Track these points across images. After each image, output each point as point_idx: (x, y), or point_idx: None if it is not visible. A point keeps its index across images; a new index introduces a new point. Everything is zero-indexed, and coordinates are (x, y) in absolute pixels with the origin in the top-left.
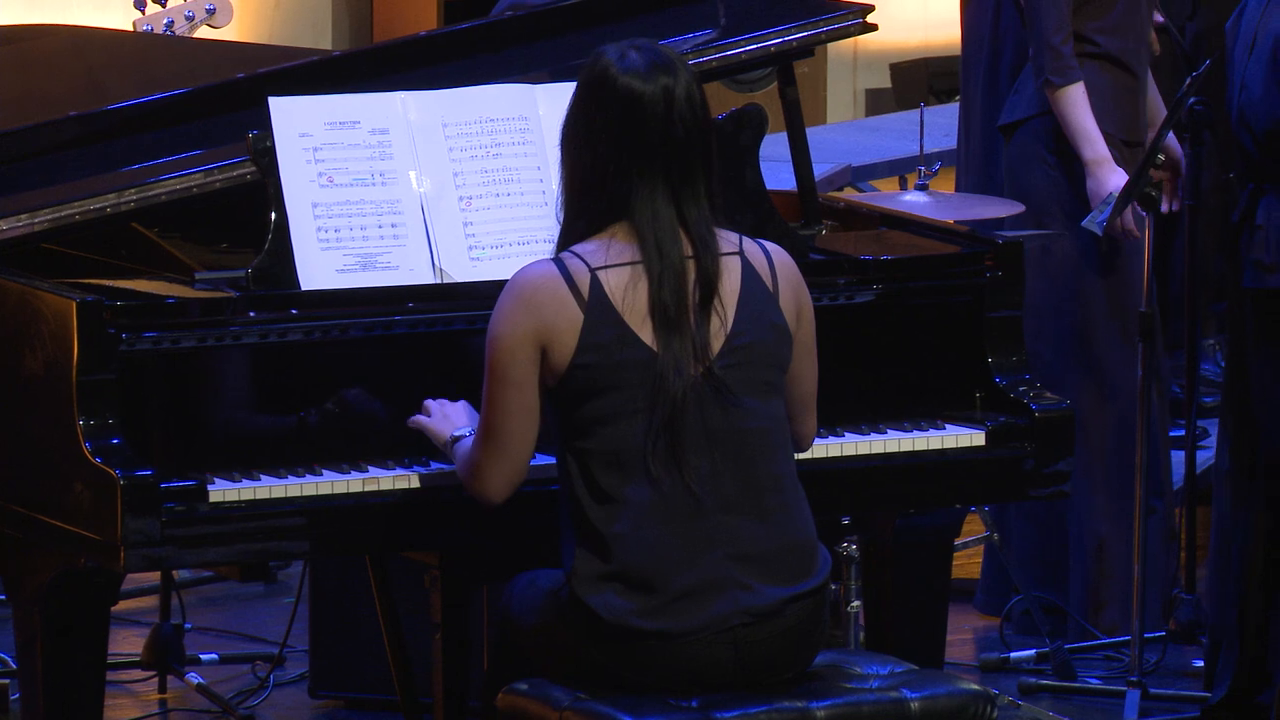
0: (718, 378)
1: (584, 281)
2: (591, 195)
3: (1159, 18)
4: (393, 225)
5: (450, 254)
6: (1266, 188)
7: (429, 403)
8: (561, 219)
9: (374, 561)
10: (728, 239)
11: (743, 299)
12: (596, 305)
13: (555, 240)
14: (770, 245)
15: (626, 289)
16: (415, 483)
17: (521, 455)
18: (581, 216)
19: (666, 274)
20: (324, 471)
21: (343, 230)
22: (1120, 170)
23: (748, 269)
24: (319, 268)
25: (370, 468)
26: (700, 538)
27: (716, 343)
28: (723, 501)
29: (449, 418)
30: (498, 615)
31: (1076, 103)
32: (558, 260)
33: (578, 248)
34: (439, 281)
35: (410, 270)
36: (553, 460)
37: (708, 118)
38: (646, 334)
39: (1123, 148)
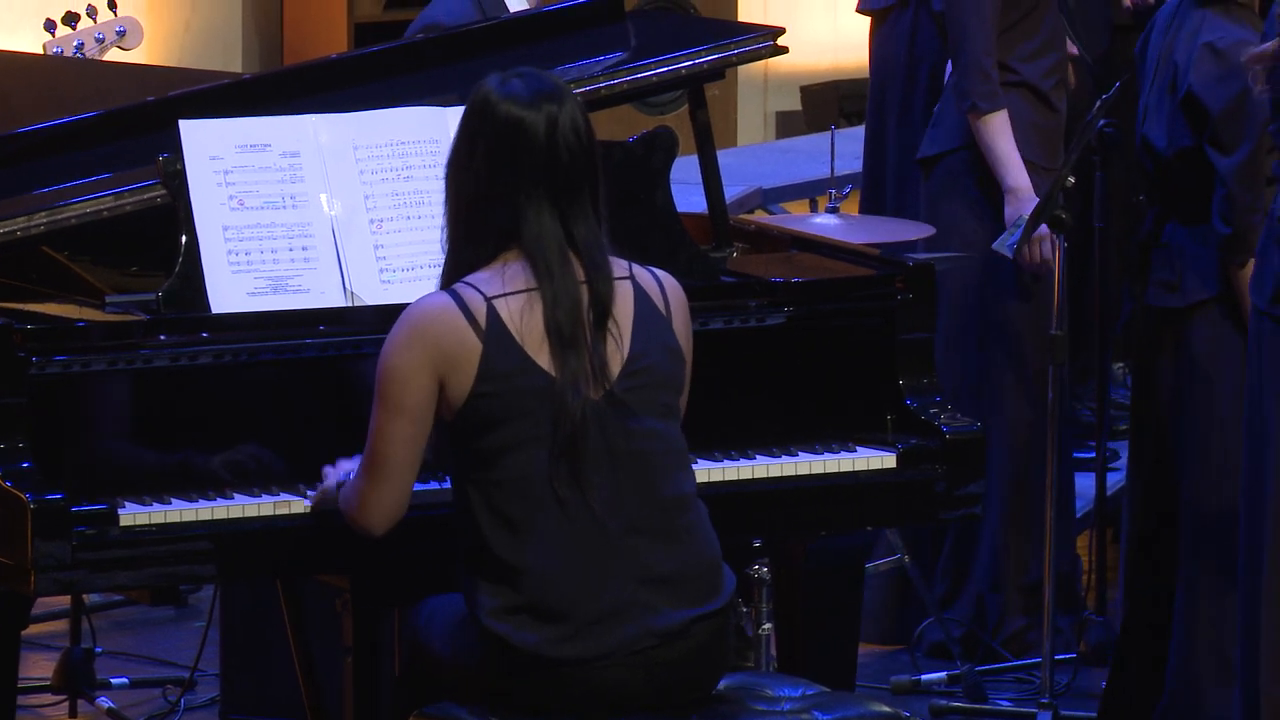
0: (618, 400)
1: (480, 311)
2: (477, 222)
3: (1073, 49)
4: (304, 248)
5: (361, 277)
6: (1171, 211)
7: (326, 468)
8: (447, 247)
9: (285, 585)
10: (618, 264)
11: (637, 322)
12: (494, 334)
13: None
14: (659, 271)
15: (523, 316)
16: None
17: (407, 486)
18: (469, 244)
19: (560, 295)
20: (235, 495)
21: (253, 253)
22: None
23: (640, 293)
24: (230, 291)
25: (281, 491)
26: (608, 562)
27: (615, 365)
28: (628, 524)
29: (338, 467)
30: (408, 640)
31: (1001, 129)
32: (452, 291)
33: (471, 278)
34: (350, 304)
35: (321, 293)
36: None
37: (593, 144)
38: (544, 359)
39: (1043, 174)
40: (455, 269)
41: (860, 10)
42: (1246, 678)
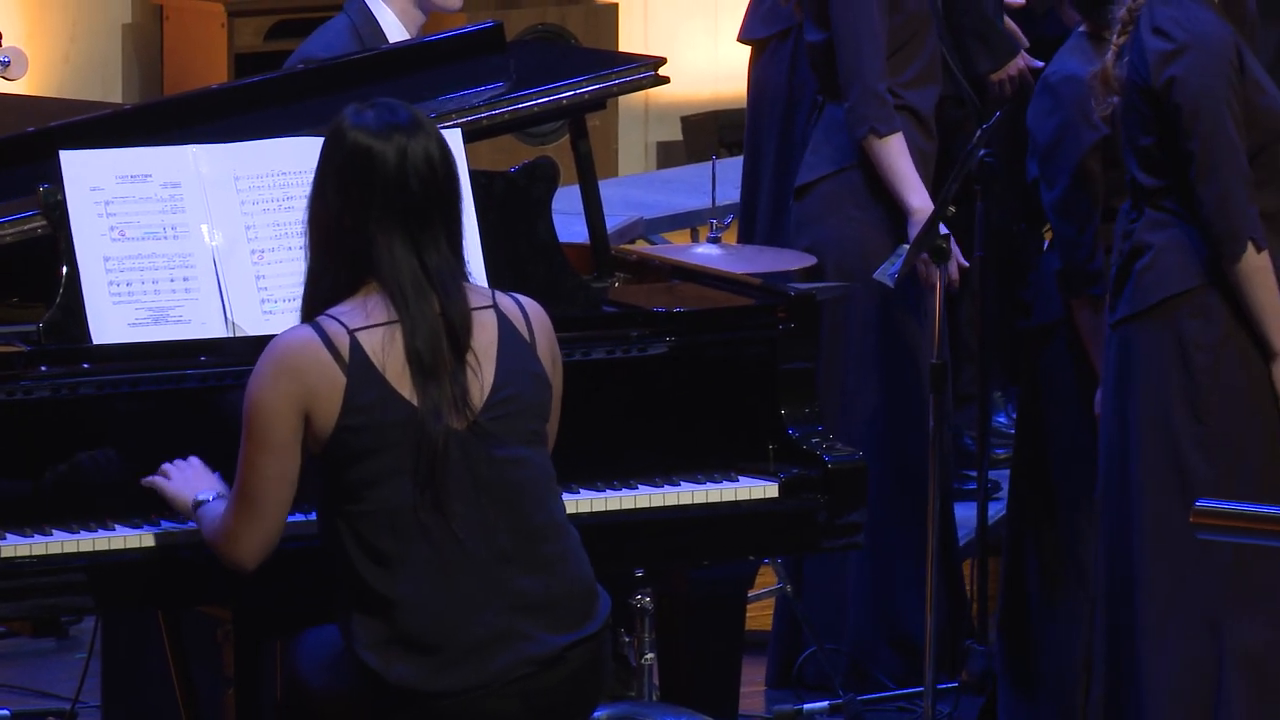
0: (483, 429)
1: (343, 344)
2: (332, 252)
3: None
4: (185, 279)
5: (242, 307)
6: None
7: (166, 466)
8: (306, 278)
9: (166, 616)
10: (480, 294)
11: (501, 351)
12: (358, 367)
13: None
14: (523, 298)
15: (385, 348)
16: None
17: (278, 521)
18: (325, 274)
19: (418, 325)
20: (116, 526)
21: (135, 284)
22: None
23: (503, 321)
24: (111, 321)
25: (163, 522)
26: (480, 592)
27: (479, 394)
28: (498, 553)
29: (190, 481)
30: (287, 671)
31: (900, 151)
32: (315, 324)
33: (335, 310)
34: (231, 335)
35: (203, 324)
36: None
37: (450, 174)
38: (407, 390)
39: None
40: (314, 300)
41: (741, 40)
42: (1108, 701)
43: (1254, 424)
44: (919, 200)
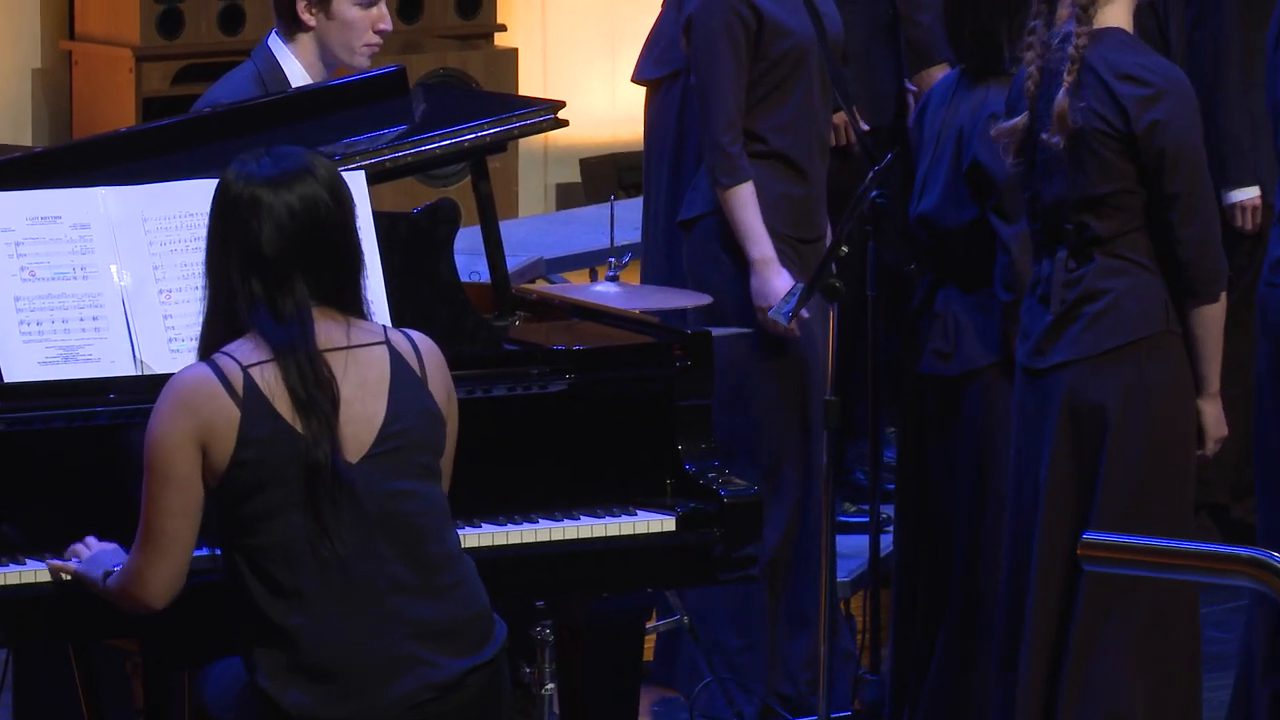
0: (375, 463)
1: (237, 380)
2: (225, 294)
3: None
4: (94, 318)
5: (150, 346)
6: (946, 279)
7: (77, 546)
8: (203, 318)
9: (76, 648)
10: (371, 330)
11: (394, 386)
12: (251, 401)
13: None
14: (414, 333)
15: (278, 383)
16: None
17: (184, 558)
18: (219, 314)
19: (301, 364)
20: (26, 560)
21: (45, 323)
22: (785, 271)
23: (395, 357)
24: (22, 360)
25: (73, 557)
26: (378, 621)
27: (371, 429)
28: (393, 583)
29: (96, 559)
30: (195, 702)
31: (745, 203)
32: (210, 362)
33: (229, 347)
34: (140, 373)
35: (112, 362)
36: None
37: (343, 219)
38: (300, 425)
39: (797, 245)
40: (209, 339)
41: (635, 81)
42: None
43: (1189, 467)
44: (760, 251)
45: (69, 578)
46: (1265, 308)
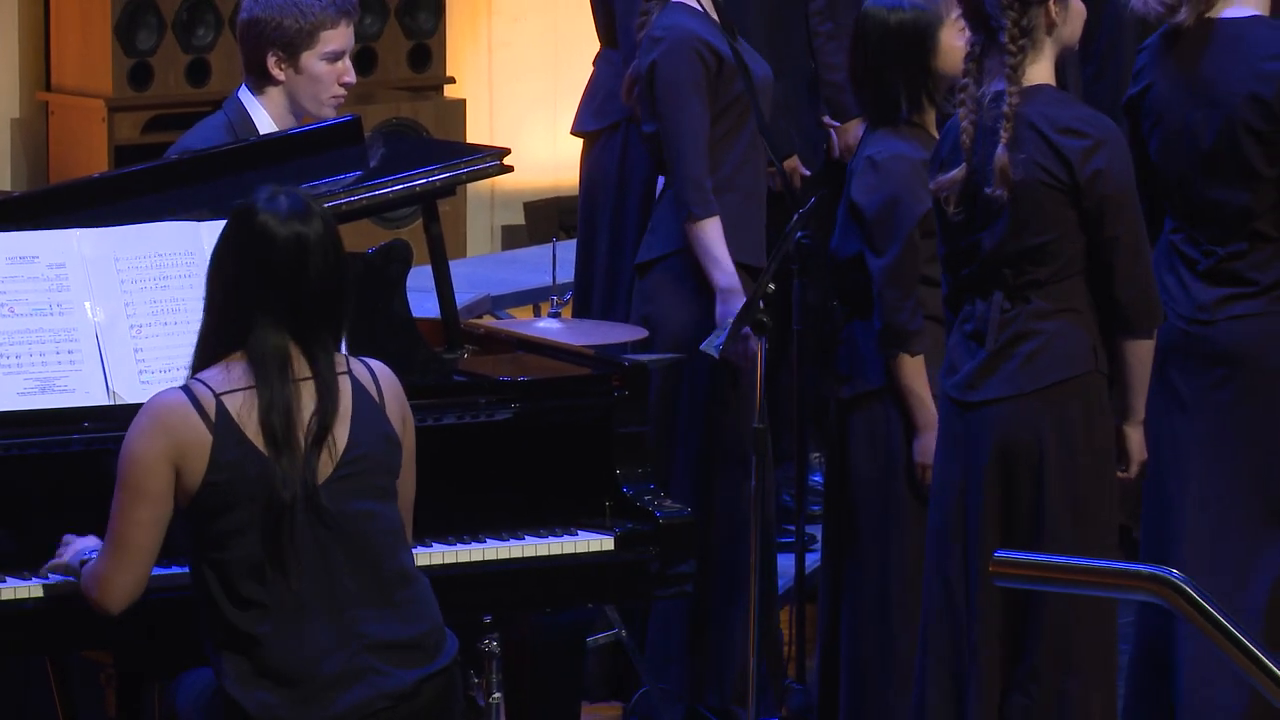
0: (336, 485)
1: (210, 405)
2: (218, 322)
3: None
4: (69, 351)
5: (122, 377)
6: (853, 311)
7: (67, 536)
8: (199, 337)
9: (53, 661)
10: (335, 361)
11: (355, 413)
12: (223, 427)
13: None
14: (373, 362)
15: (248, 410)
16: None
17: (146, 568)
18: (209, 340)
19: (276, 402)
20: (7, 578)
21: (23, 356)
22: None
23: (356, 385)
24: (1, 391)
25: (52, 575)
26: (338, 633)
27: (335, 455)
28: (353, 598)
29: (78, 551)
30: (166, 711)
31: (715, 235)
32: (185, 388)
33: (203, 374)
34: (112, 403)
35: (86, 393)
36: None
37: (339, 264)
38: (267, 450)
39: (743, 273)
40: (198, 363)
41: (574, 132)
42: None
43: (1112, 494)
44: (727, 281)
45: (58, 575)
46: (1187, 345)
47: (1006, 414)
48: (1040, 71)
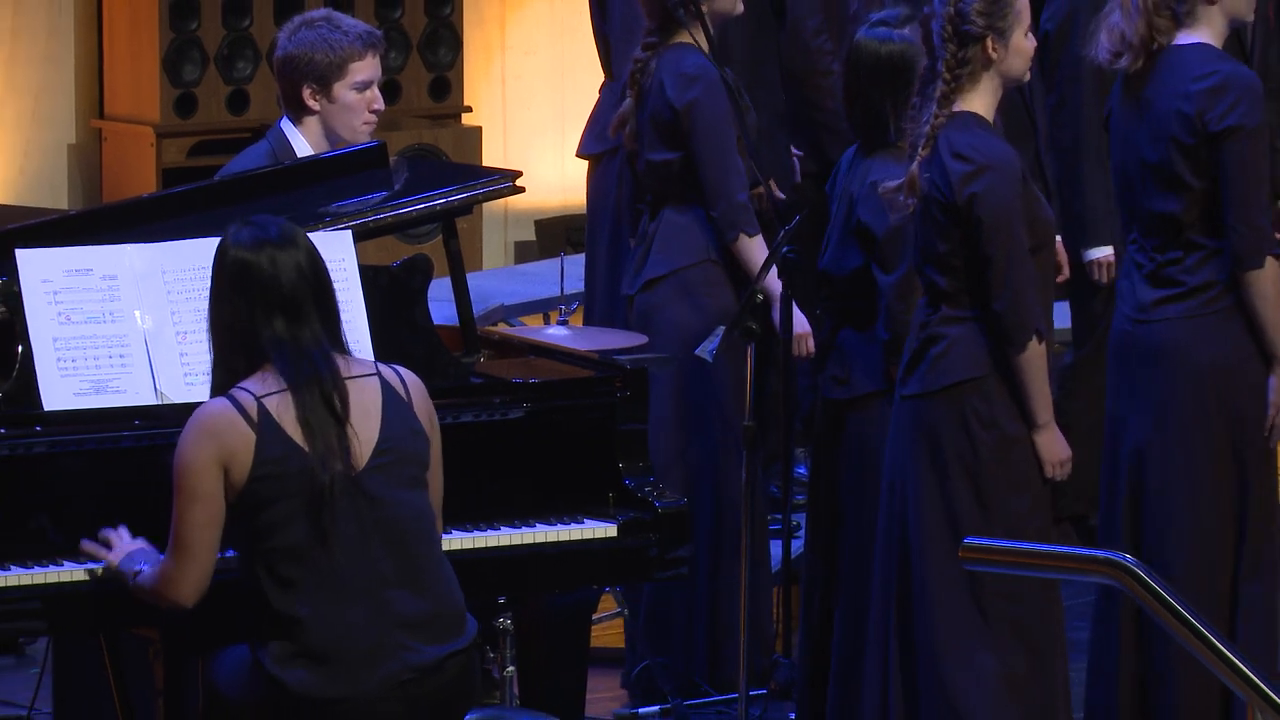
0: (370, 476)
1: (252, 408)
2: (232, 345)
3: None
4: (121, 356)
5: (168, 379)
6: (844, 321)
7: (109, 533)
8: (213, 362)
9: (106, 637)
10: (364, 364)
11: (385, 411)
12: (265, 426)
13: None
14: (401, 368)
15: (287, 410)
16: None
17: (209, 562)
18: (227, 363)
19: (306, 398)
20: (64, 562)
21: (79, 360)
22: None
23: (386, 386)
24: (59, 391)
25: (102, 559)
26: (368, 612)
27: (368, 447)
28: (383, 580)
29: (129, 557)
30: (207, 684)
31: (762, 247)
32: (229, 395)
33: (244, 383)
34: (159, 403)
35: (136, 393)
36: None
37: (317, 275)
38: (308, 445)
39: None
40: (225, 379)
41: (579, 155)
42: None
43: (1020, 486)
44: (774, 285)
45: (103, 564)
46: (1130, 343)
47: (921, 409)
48: (974, 100)
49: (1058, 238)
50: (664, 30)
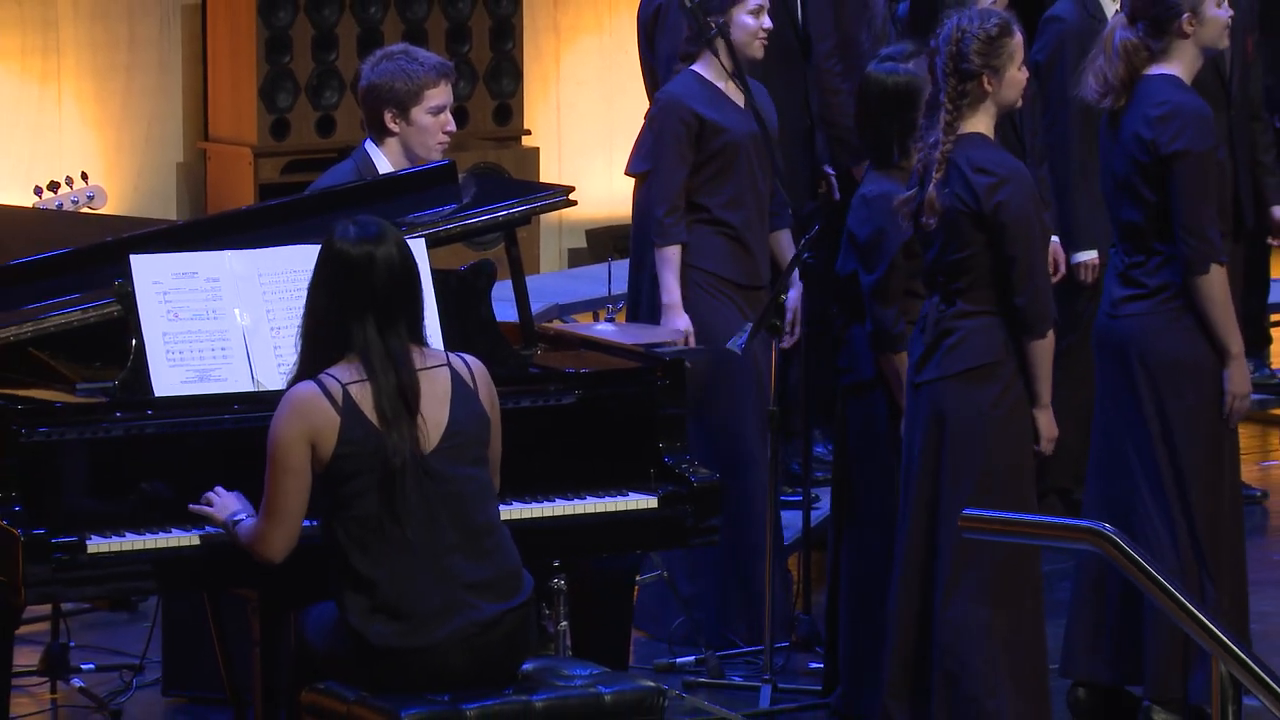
0: (440, 455)
1: (338, 394)
2: (320, 333)
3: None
4: (222, 348)
5: (264, 369)
6: (852, 317)
7: (207, 495)
8: (300, 348)
9: (209, 595)
10: (437, 355)
11: (454, 397)
12: (348, 411)
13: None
14: (468, 357)
15: (368, 396)
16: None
17: (296, 526)
18: (318, 350)
19: (383, 387)
20: (173, 529)
21: (185, 352)
22: (685, 314)
23: (455, 375)
24: (168, 380)
25: (206, 526)
26: (439, 574)
27: (437, 432)
28: (449, 546)
29: (227, 506)
30: (299, 636)
31: (667, 260)
32: (317, 380)
33: (331, 370)
34: (256, 389)
35: (235, 381)
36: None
37: (408, 273)
38: (385, 429)
39: (738, 289)
40: (310, 366)
41: (627, 173)
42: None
43: (1017, 458)
44: (667, 297)
45: (207, 526)
46: (1104, 334)
47: (936, 392)
48: (977, 123)
49: (1055, 239)
50: (694, 39)
